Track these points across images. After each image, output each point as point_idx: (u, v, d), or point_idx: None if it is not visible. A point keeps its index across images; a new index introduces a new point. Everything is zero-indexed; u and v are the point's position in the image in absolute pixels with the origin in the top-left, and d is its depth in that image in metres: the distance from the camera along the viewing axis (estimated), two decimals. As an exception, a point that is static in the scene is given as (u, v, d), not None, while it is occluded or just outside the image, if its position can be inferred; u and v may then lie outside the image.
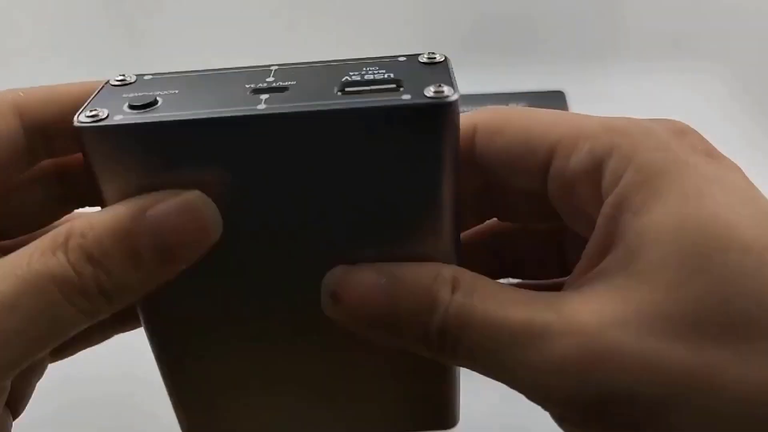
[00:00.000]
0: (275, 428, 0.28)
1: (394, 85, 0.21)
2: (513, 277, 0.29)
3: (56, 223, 0.27)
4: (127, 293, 0.21)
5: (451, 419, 0.28)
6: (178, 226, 0.21)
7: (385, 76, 0.21)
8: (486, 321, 0.20)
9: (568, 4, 0.72)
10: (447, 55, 0.22)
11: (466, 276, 0.22)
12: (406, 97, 0.20)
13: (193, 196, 0.21)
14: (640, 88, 0.68)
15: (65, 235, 0.21)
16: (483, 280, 0.22)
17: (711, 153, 0.22)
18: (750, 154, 0.22)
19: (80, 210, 0.27)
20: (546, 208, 0.25)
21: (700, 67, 0.70)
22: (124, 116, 0.21)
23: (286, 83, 0.21)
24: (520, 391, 0.21)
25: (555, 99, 0.67)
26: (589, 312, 0.20)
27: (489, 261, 0.29)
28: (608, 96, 0.67)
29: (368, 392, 0.27)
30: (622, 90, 0.68)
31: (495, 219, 0.28)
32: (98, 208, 0.22)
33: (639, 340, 0.19)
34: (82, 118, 0.21)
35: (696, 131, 0.22)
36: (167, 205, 0.21)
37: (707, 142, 0.22)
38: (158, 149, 0.21)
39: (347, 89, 0.21)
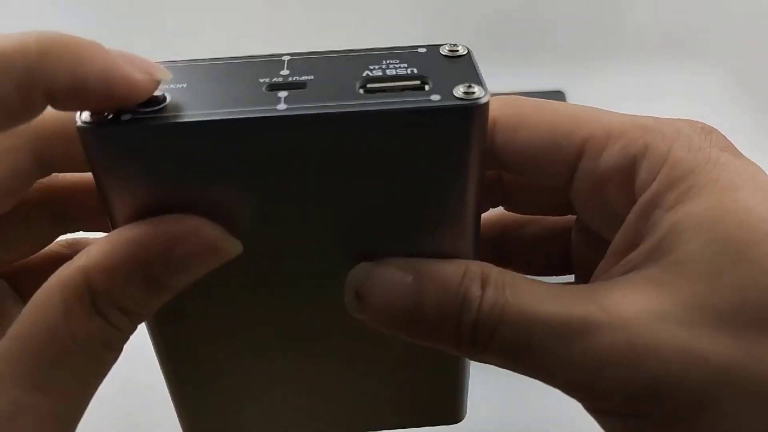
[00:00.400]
0: (282, 426, 0.28)
1: (418, 82, 0.20)
2: (517, 271, 0.29)
3: (48, 248, 0.26)
4: (152, 311, 0.22)
5: (458, 413, 0.28)
6: (203, 264, 0.21)
7: (408, 71, 0.20)
8: (522, 316, 0.20)
9: (568, 4, 0.72)
10: (470, 48, 0.21)
11: (494, 271, 0.21)
12: (435, 97, 0.19)
13: (212, 233, 0.21)
14: (640, 87, 0.68)
15: (89, 290, 0.20)
16: (511, 275, 0.21)
17: (735, 152, 0.22)
18: (751, 153, 0.22)
19: (71, 236, 0.26)
20: (558, 201, 0.25)
21: (700, 66, 0.70)
22: (132, 115, 0.19)
23: (303, 78, 0.20)
24: (556, 386, 0.21)
25: (555, 99, 0.66)
26: (631, 304, 0.20)
27: (494, 254, 0.28)
28: (608, 96, 0.66)
29: (376, 387, 0.27)
30: (622, 90, 0.68)
31: (501, 208, 0.28)
32: (93, 235, 0.22)
33: (684, 332, 0.19)
34: (84, 118, 0.19)
35: (719, 131, 0.22)
36: (193, 246, 0.20)
37: (729, 141, 0.22)
38: (170, 152, 0.20)
39: (369, 86, 0.20)
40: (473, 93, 0.19)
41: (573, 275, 0.28)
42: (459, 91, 0.19)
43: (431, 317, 0.21)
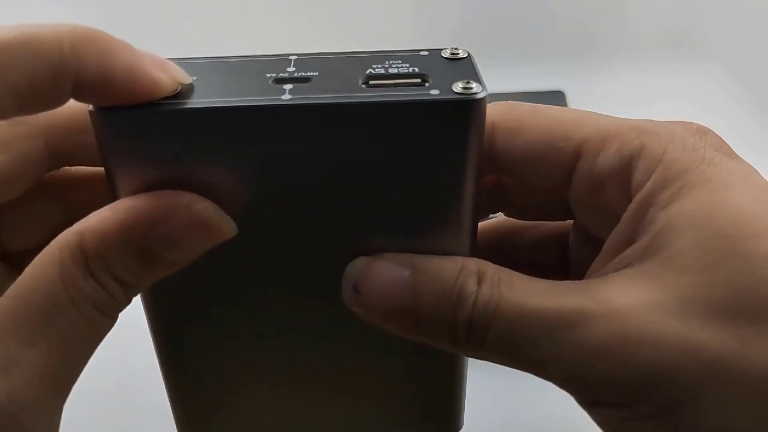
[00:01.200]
0: (277, 428, 0.28)
1: (419, 80, 0.21)
2: None
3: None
4: (145, 285, 0.22)
5: (456, 423, 0.28)
6: (195, 240, 0.21)
7: (410, 70, 0.21)
8: (517, 310, 0.20)
9: (568, 4, 0.72)
10: (470, 52, 0.22)
11: (490, 268, 0.21)
12: (434, 92, 0.20)
13: (205, 208, 0.21)
14: (640, 87, 0.68)
15: (83, 252, 0.20)
16: (507, 272, 0.21)
17: (729, 152, 0.22)
18: (750, 153, 0.22)
19: None
20: (556, 206, 0.25)
21: (700, 66, 0.70)
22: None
23: (309, 74, 0.21)
24: (551, 379, 0.21)
25: (555, 99, 0.67)
26: (624, 296, 0.20)
27: (494, 259, 0.29)
28: (608, 96, 0.67)
29: (373, 394, 0.27)
30: (623, 90, 0.68)
31: (501, 214, 0.28)
32: None
33: (677, 322, 0.19)
34: None
35: (714, 132, 0.23)
36: (184, 219, 0.21)
37: (725, 142, 0.22)
38: (178, 137, 0.20)
39: (372, 82, 0.21)
40: (471, 88, 0.20)
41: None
42: (458, 86, 0.20)
43: (427, 312, 0.21)
